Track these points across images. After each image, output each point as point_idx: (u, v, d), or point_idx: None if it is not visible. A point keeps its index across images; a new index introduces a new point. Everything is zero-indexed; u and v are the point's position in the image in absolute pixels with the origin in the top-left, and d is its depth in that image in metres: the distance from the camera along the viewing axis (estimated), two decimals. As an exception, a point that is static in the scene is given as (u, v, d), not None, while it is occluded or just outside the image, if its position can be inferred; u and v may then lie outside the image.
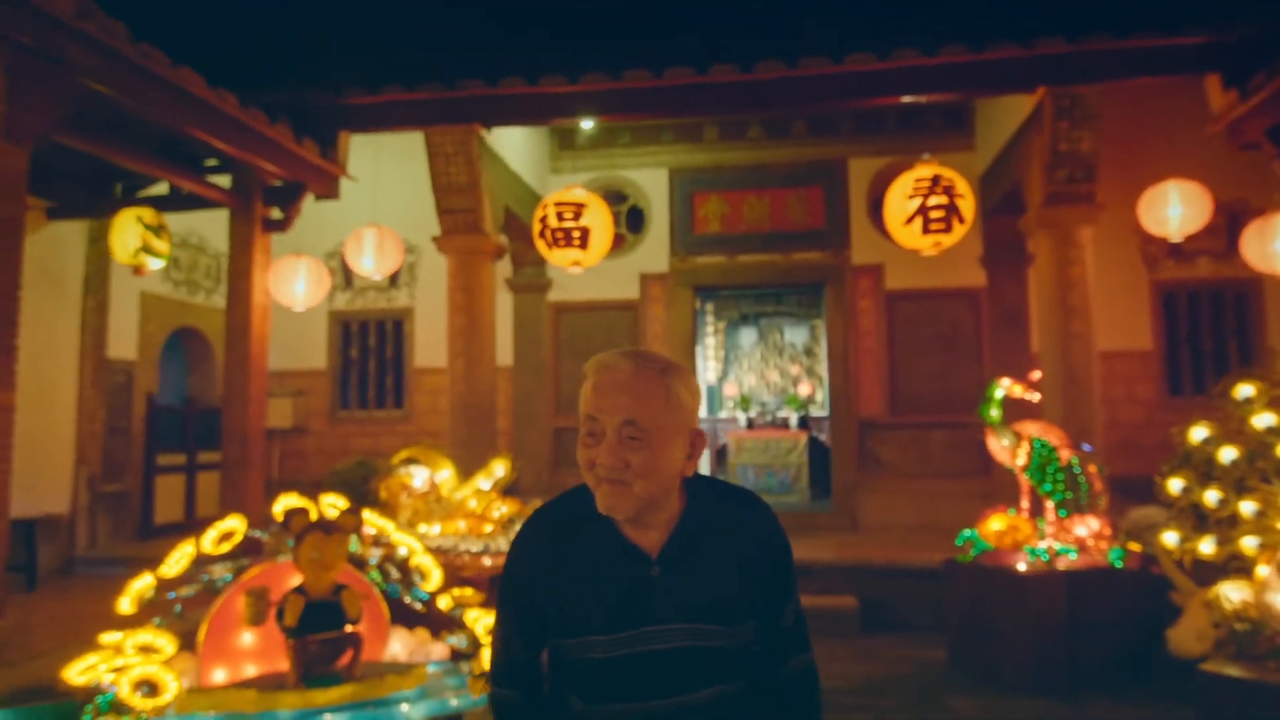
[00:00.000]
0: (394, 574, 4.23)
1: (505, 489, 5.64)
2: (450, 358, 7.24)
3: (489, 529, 5.14)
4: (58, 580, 6.88)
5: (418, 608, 4.22)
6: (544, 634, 1.40)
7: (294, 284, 6.87)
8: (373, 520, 4.10)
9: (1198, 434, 3.59)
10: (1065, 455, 5.15)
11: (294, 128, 6.54)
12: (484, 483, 5.54)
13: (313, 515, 3.73)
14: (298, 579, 3.68)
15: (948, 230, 5.96)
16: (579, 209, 6.41)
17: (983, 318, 8.91)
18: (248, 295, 6.62)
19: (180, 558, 3.78)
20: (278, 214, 6.83)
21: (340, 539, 3.67)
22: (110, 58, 4.81)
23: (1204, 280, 8.46)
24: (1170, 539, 3.57)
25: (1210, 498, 3.50)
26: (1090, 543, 5.02)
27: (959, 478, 8.61)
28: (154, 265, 6.00)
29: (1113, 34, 6.41)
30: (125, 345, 7.90)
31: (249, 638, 3.80)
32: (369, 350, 9.53)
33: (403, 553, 4.27)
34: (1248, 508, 3.39)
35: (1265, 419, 3.40)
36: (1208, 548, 3.51)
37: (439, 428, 9.15)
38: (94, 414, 7.51)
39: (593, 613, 1.36)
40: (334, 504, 3.99)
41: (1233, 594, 3.20)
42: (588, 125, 8.62)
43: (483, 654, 3.80)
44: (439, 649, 4.16)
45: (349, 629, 3.63)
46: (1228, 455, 3.48)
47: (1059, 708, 4.49)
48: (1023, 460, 5.13)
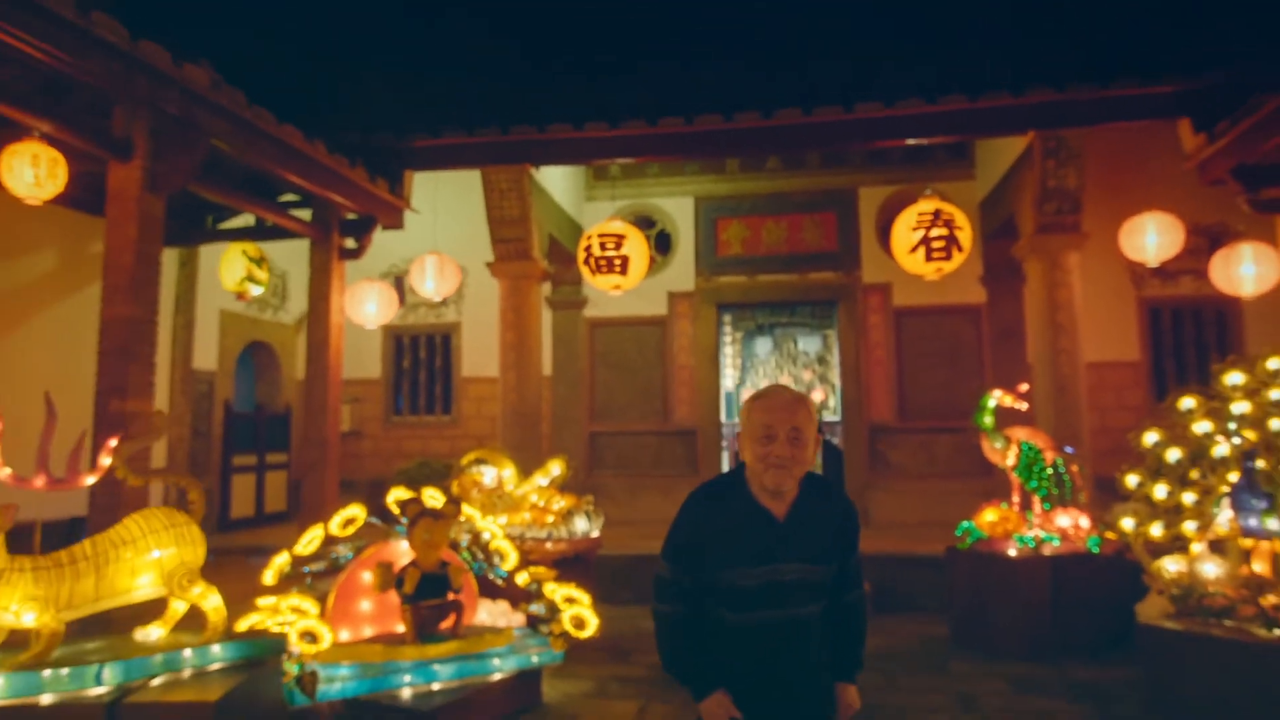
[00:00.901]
0: (479, 555, 5.04)
1: (560, 486, 6.45)
2: (502, 370, 8.08)
3: (551, 519, 5.96)
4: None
5: (499, 583, 5.04)
6: (701, 568, 2.14)
7: (366, 305, 7.75)
8: (465, 510, 4.92)
9: (1150, 438, 4.36)
10: (1050, 456, 5.94)
11: (367, 167, 7.39)
12: (542, 480, 6.35)
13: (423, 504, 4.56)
14: (409, 556, 4.50)
15: (948, 258, 6.75)
16: (620, 240, 7.24)
17: (983, 332, 9.69)
18: (326, 316, 7.46)
19: (312, 539, 4.61)
20: (351, 243, 7.68)
21: (445, 523, 4.50)
22: (233, 121, 5.67)
23: (1187, 297, 9.19)
24: (1127, 524, 4.34)
25: (1159, 491, 4.27)
26: (1071, 532, 5.81)
27: (962, 478, 9.34)
28: (255, 292, 6.86)
29: (1097, 83, 7.06)
30: (207, 357, 8.78)
31: (367, 605, 4.63)
32: (419, 361, 10.40)
33: (485, 538, 5.10)
34: (1188, 498, 4.16)
35: (1203, 426, 4.16)
36: (1157, 531, 4.27)
37: (483, 432, 10.00)
38: (182, 419, 8.38)
39: (741, 554, 2.11)
40: (434, 496, 4.82)
41: (1171, 566, 3.96)
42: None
43: (561, 618, 4.60)
44: (517, 617, 4.98)
45: (452, 596, 4.45)
46: (1173, 455, 4.25)
47: (1044, 670, 5.26)
48: (1012, 461, 5.92)
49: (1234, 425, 4.01)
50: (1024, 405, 6.09)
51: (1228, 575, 3.75)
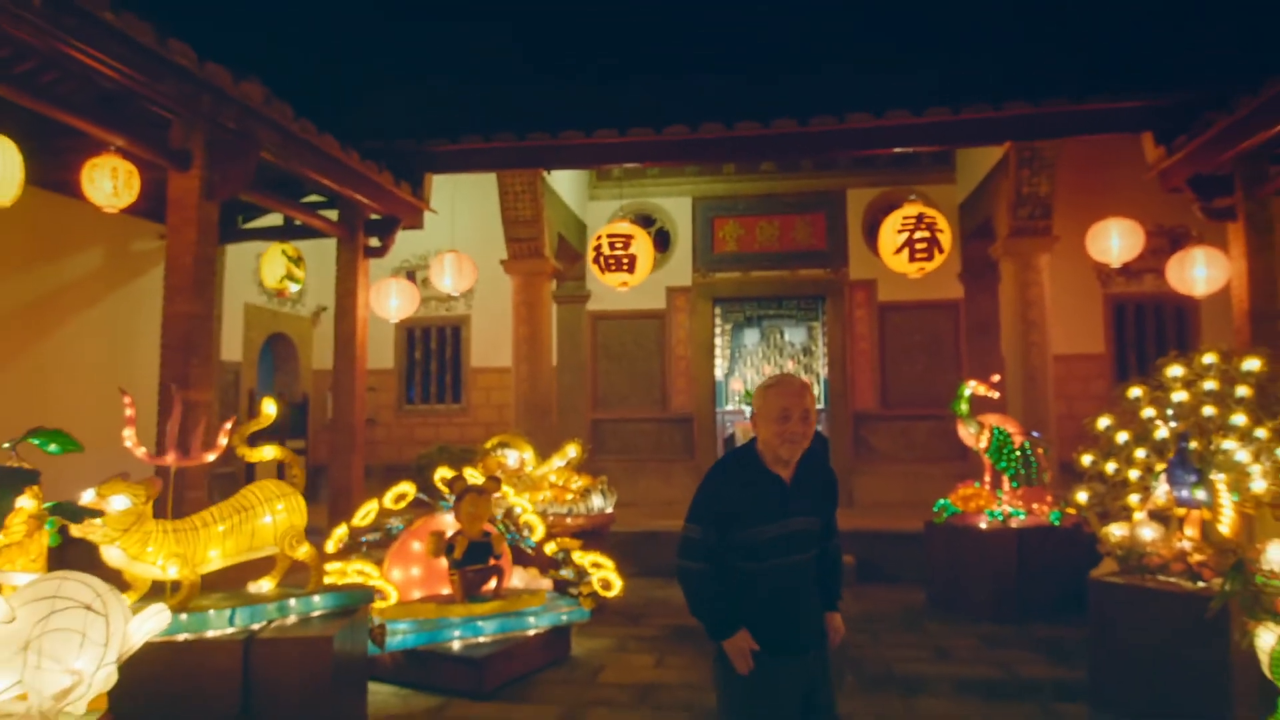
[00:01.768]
0: (511, 527, 5.65)
1: (576, 467, 7.05)
2: (515, 362, 8.66)
3: (570, 497, 6.57)
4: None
5: (529, 552, 5.65)
6: (727, 528, 2.63)
7: (389, 300, 8.29)
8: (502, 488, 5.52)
9: (1103, 422, 5.02)
10: (1018, 440, 6.61)
11: (391, 171, 7.90)
12: (559, 462, 6.95)
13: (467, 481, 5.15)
14: (453, 528, 5.09)
15: (929, 259, 7.38)
16: (628, 240, 7.82)
17: (960, 326, 10.37)
18: (353, 310, 7.98)
19: (368, 512, 5.20)
20: (375, 242, 8.20)
21: (488, 498, 5.09)
22: (282, 133, 6.18)
23: (1149, 294, 9.90)
24: (1082, 497, 5.01)
25: (1110, 468, 4.93)
26: (1036, 507, 6.49)
27: (940, 462, 10.04)
28: (293, 289, 7.38)
29: (1069, 98, 7.58)
30: (233, 349, 9.29)
31: (416, 570, 5.22)
32: (430, 352, 10.94)
33: (517, 512, 5.70)
34: (1133, 474, 4.83)
35: (1148, 412, 4.82)
36: (1107, 503, 4.93)
37: (491, 420, 10.57)
38: (212, 407, 8.87)
39: (761, 513, 2.63)
40: (474, 474, 5.41)
41: (1117, 531, 4.61)
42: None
43: (591, 580, 5.21)
44: (546, 582, 5.59)
45: (493, 562, 5.05)
46: (1122, 438, 4.91)
47: (1010, 629, 5.95)
48: (984, 444, 6.58)
49: (1171, 411, 4.67)
50: (996, 394, 6.75)
51: (1163, 539, 4.42)
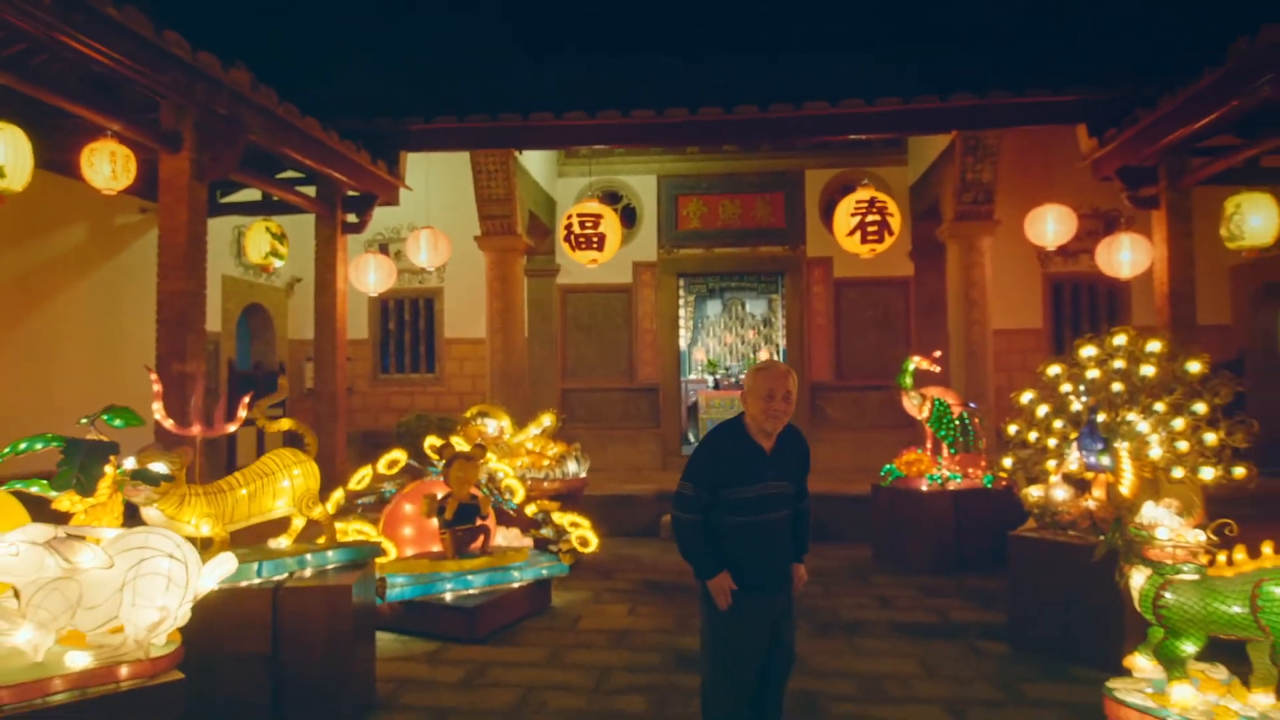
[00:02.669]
0: (494, 491, 6.11)
1: (550, 435, 7.51)
2: (489, 334, 9.05)
3: (546, 463, 7.03)
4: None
5: (510, 513, 6.12)
6: (716, 487, 3.11)
7: (367, 275, 8.60)
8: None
9: (1026, 396, 5.63)
10: (957, 410, 7.23)
11: (368, 150, 8.17)
12: (535, 430, 7.40)
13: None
14: (442, 491, 5.53)
15: (880, 240, 7.91)
16: (598, 219, 8.22)
17: (911, 302, 11.00)
18: (333, 284, 8.28)
19: (362, 476, 5.61)
20: (353, 219, 8.49)
21: (475, 464, 5.53)
22: (267, 116, 6.45)
23: (1085, 274, 10.58)
24: (1007, 463, 5.63)
25: (1032, 437, 5.56)
26: (971, 472, 7.14)
27: (890, 429, 10.70)
28: (277, 265, 7.66)
29: (1012, 91, 8.13)
30: (212, 320, 9.44)
31: (408, 530, 5.67)
32: (404, 323, 11.25)
33: (499, 477, 6.16)
34: (1052, 442, 5.46)
35: (1065, 387, 5.44)
36: (1028, 466, 5.57)
37: (465, 389, 10.97)
38: (196, 377, 9.12)
39: (745, 475, 3.10)
40: (461, 442, 5.85)
41: (1034, 493, 5.25)
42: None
43: (570, 538, 5.71)
44: (528, 540, 6.07)
45: (480, 522, 5.52)
46: (1042, 410, 5.52)
47: (946, 581, 6.61)
48: (926, 414, 7.20)
49: (1084, 387, 5.29)
50: (938, 369, 7.36)
51: (1072, 499, 5.05)
